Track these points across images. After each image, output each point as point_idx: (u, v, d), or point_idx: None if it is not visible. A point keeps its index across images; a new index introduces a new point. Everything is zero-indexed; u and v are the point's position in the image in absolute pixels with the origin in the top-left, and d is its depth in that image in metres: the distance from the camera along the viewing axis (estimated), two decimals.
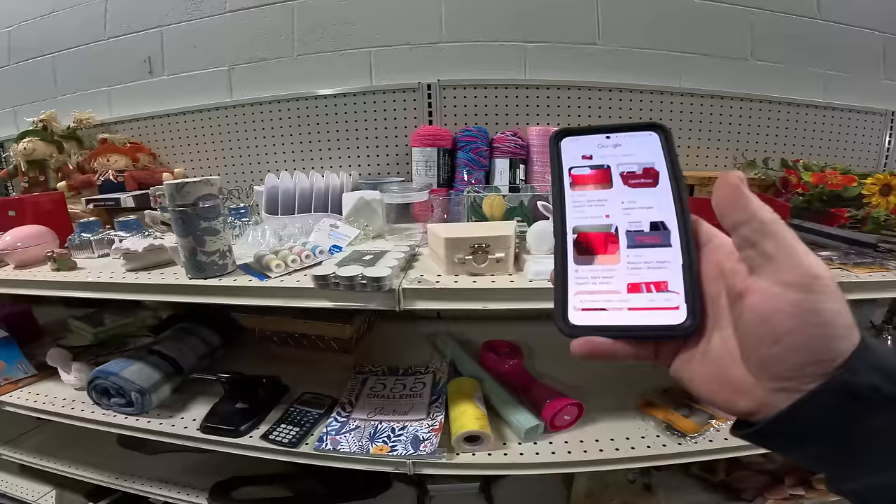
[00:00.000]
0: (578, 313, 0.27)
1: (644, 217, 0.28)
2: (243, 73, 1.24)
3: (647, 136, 0.30)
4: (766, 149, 1.19)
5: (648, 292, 0.27)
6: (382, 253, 0.82)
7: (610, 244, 0.28)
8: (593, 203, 0.29)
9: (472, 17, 1.19)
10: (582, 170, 0.30)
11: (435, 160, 1.10)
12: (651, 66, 1.20)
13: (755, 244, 0.23)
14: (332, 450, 0.82)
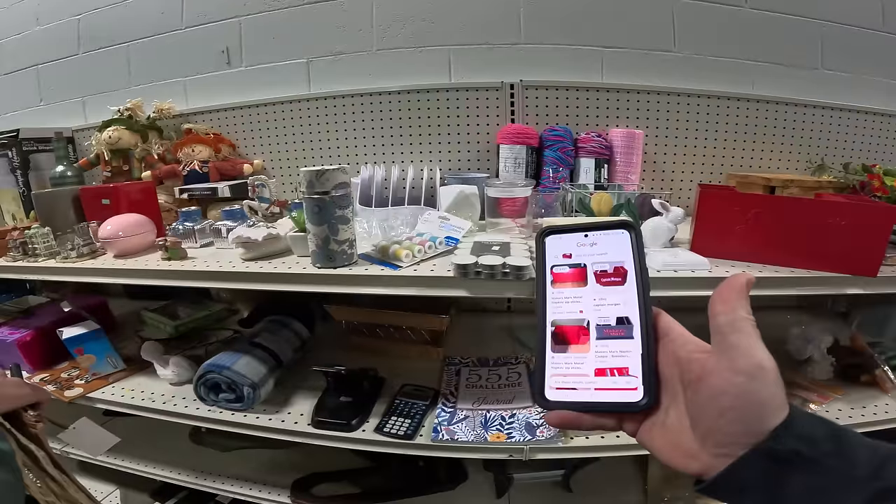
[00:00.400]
0: (553, 391, 0.33)
1: (612, 313, 0.33)
2: (322, 65, 1.24)
3: (619, 234, 0.35)
4: (836, 153, 1.24)
5: (612, 376, 0.32)
6: (507, 244, 0.83)
7: (582, 336, 0.34)
8: (570, 300, 0.35)
9: (550, 20, 1.22)
10: (562, 268, 0.36)
11: (524, 158, 1.12)
12: (724, 72, 1.23)
13: (725, 334, 0.28)
14: (450, 440, 0.83)
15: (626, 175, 1.15)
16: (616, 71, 1.25)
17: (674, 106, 1.21)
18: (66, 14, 1.36)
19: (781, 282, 0.75)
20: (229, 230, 0.92)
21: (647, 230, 0.86)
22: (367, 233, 0.93)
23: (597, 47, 1.24)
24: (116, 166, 1.15)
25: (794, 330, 1.06)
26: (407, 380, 1.01)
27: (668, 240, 0.86)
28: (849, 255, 0.76)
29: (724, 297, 0.30)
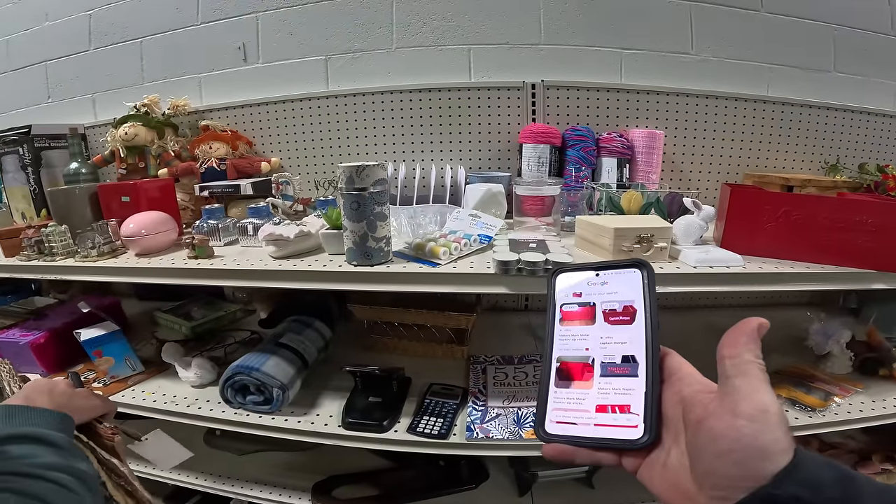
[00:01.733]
0: (553, 425, 0.33)
1: (618, 351, 0.34)
2: (341, 63, 1.23)
3: (631, 273, 0.35)
4: (847, 153, 1.27)
5: (613, 413, 0.32)
6: (543, 242, 0.83)
7: (586, 373, 0.34)
8: (577, 337, 0.35)
9: (569, 21, 1.23)
10: (571, 306, 0.36)
11: (547, 157, 1.12)
12: (740, 75, 1.25)
13: (729, 377, 0.28)
14: (485, 437, 0.83)
15: (647, 174, 1.16)
16: (634, 72, 1.26)
17: (692, 107, 1.22)
18: (78, 9, 1.33)
19: (810, 277, 0.77)
20: (256, 228, 0.91)
21: (679, 228, 0.86)
22: (396, 231, 0.93)
23: (616, 49, 1.25)
24: (132, 163, 1.12)
25: (813, 326, 1.07)
26: (432, 379, 1.00)
27: (699, 237, 0.87)
28: (874, 251, 0.78)
29: (732, 341, 0.29)
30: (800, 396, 0.92)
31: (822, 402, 0.91)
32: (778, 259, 0.82)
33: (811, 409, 0.89)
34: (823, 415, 0.89)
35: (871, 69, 1.27)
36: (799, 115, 1.23)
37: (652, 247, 0.79)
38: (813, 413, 0.89)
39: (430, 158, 1.22)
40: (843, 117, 1.25)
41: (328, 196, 1.07)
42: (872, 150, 1.28)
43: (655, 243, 0.79)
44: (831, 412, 0.89)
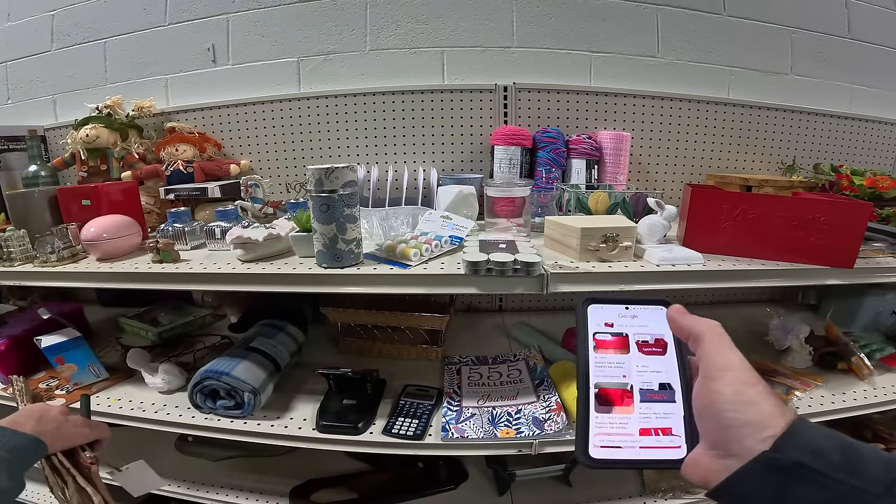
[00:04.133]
0: (598, 449, 0.34)
1: (654, 378, 0.36)
2: (313, 65, 1.22)
3: (658, 310, 0.38)
4: (803, 154, 1.32)
5: (656, 435, 0.34)
6: (512, 242, 0.84)
7: (626, 398, 0.36)
8: (613, 365, 0.37)
9: (541, 25, 1.25)
10: (604, 335, 0.38)
11: (518, 158, 1.14)
12: (703, 78, 1.30)
13: (696, 351, 0.33)
14: (460, 437, 0.83)
15: (614, 175, 1.19)
16: (604, 75, 1.29)
17: (657, 109, 1.26)
18: (40, 10, 1.29)
19: (767, 274, 0.80)
20: (224, 231, 0.89)
21: (643, 227, 0.89)
22: (367, 233, 0.93)
23: (586, 52, 1.28)
24: (93, 166, 1.09)
25: (773, 322, 1.12)
26: (407, 380, 1.00)
27: (663, 236, 0.89)
28: (828, 248, 0.82)
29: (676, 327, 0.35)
30: None
31: (784, 396, 0.94)
32: (736, 257, 0.85)
33: None
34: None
35: (827, 72, 1.34)
36: (757, 117, 1.29)
37: (617, 246, 0.81)
38: None
39: (403, 160, 1.23)
40: (800, 119, 1.30)
41: (299, 199, 1.06)
42: (828, 151, 1.34)
43: (621, 242, 0.81)
44: (793, 406, 0.93)
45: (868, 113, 1.33)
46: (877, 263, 0.86)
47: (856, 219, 0.81)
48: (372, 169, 1.05)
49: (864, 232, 0.82)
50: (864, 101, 1.36)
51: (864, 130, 1.34)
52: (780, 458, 0.26)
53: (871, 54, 1.34)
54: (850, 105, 1.35)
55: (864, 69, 1.35)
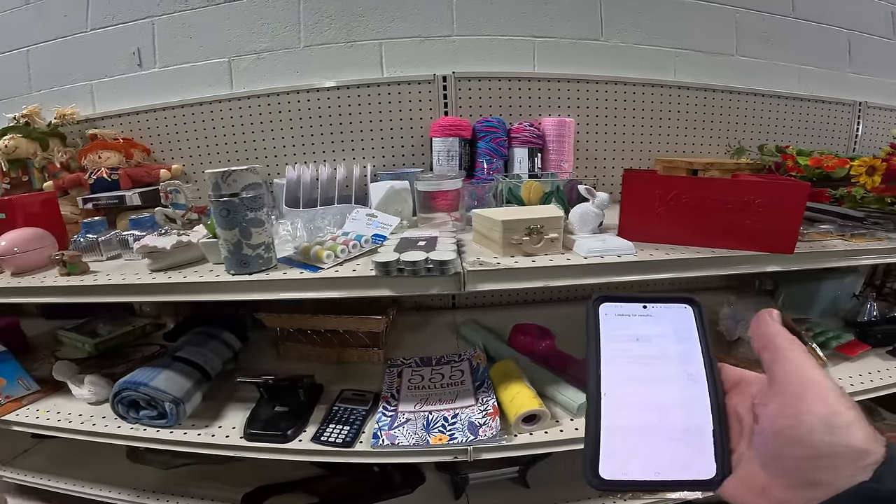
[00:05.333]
0: (610, 469, 0.29)
1: (677, 388, 0.31)
2: (245, 64, 1.18)
3: (681, 308, 0.33)
4: (753, 136, 1.30)
5: (680, 452, 0.29)
6: (434, 239, 0.81)
7: (643, 410, 0.31)
8: (628, 372, 0.32)
9: (482, 11, 1.21)
10: (618, 339, 0.33)
11: (457, 150, 1.11)
12: (649, 60, 1.27)
13: (770, 365, 0.28)
14: (391, 444, 0.80)
15: (558, 163, 1.16)
16: (548, 61, 1.26)
17: (601, 94, 1.23)
18: None
19: (703, 263, 0.77)
20: (137, 240, 0.85)
21: (575, 217, 0.86)
22: (291, 235, 0.89)
23: (528, 37, 1.25)
24: (16, 177, 1.05)
25: (723, 310, 1.09)
26: (348, 385, 0.97)
27: (596, 226, 0.86)
28: (766, 233, 0.78)
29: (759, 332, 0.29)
30: None
31: None
32: (673, 245, 0.82)
33: None
34: None
35: (773, 52, 1.31)
36: (703, 100, 1.26)
37: (542, 238, 0.78)
38: None
39: (342, 158, 1.19)
40: (748, 100, 1.28)
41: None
42: (780, 132, 1.32)
43: (546, 235, 0.78)
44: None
45: (819, 93, 1.31)
46: (822, 247, 0.83)
47: (792, 200, 0.78)
48: (304, 168, 1.01)
49: (802, 214, 0.79)
50: (812, 80, 1.34)
51: (815, 111, 1.32)
52: (881, 489, 0.23)
53: (816, 33, 1.32)
54: (798, 85, 1.33)
55: (811, 49, 1.33)
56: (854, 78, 1.36)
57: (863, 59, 1.35)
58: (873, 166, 1.02)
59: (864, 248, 0.85)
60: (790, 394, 0.26)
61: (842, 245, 0.85)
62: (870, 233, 0.95)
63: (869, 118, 1.35)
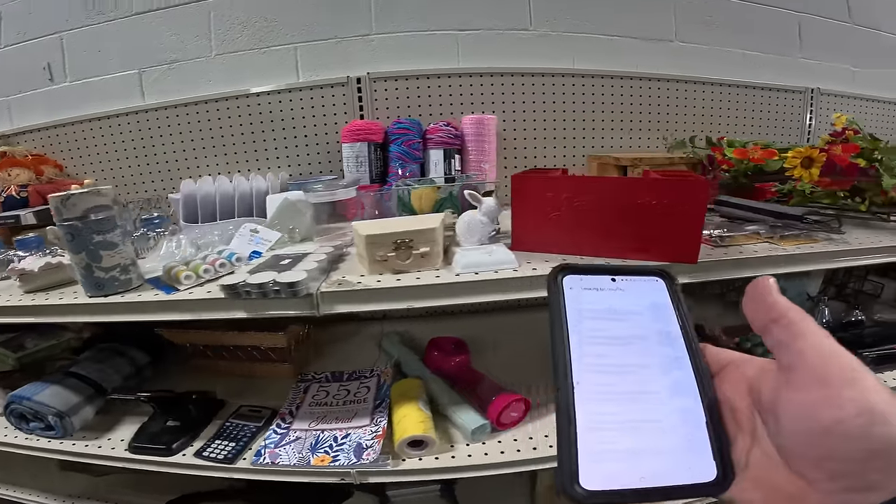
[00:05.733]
0: (592, 478, 0.24)
1: (658, 375, 0.27)
2: (157, 75, 1.15)
3: (653, 282, 0.29)
4: (697, 128, 1.21)
5: (672, 452, 0.25)
6: (303, 256, 0.77)
7: (623, 403, 0.26)
8: (602, 357, 0.27)
9: (402, 5, 1.16)
10: (588, 318, 0.28)
11: (366, 155, 1.06)
12: (581, 49, 1.20)
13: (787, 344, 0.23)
14: (271, 463, 0.78)
15: (478, 164, 1.11)
16: (472, 55, 1.20)
17: (530, 88, 1.17)
18: None
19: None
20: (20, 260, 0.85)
21: (461, 226, 0.81)
22: (174, 253, 0.87)
23: (452, 31, 1.19)
24: None
25: None
26: (254, 401, 0.95)
27: (485, 235, 0.81)
28: (665, 239, 0.72)
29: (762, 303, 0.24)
30: None
31: None
32: (569, 255, 0.76)
33: None
34: None
35: (716, 37, 1.22)
36: (640, 89, 1.18)
37: (411, 254, 0.73)
38: None
39: (257, 167, 1.16)
40: (686, 89, 1.19)
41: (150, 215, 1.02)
42: (724, 123, 1.23)
43: (416, 249, 0.73)
44: None
45: (768, 80, 1.21)
46: (739, 254, 0.75)
47: (691, 201, 0.71)
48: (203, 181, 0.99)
49: (703, 216, 0.72)
50: (761, 67, 1.23)
51: (764, 99, 1.22)
52: None
53: (764, 16, 1.21)
54: (745, 72, 1.23)
55: (759, 33, 1.22)
56: (806, 63, 1.25)
57: (815, 44, 1.24)
58: (810, 157, 0.93)
59: (787, 255, 0.76)
60: (829, 381, 0.21)
61: (764, 250, 0.77)
62: (805, 234, 0.86)
63: (822, 106, 1.24)
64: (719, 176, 1.03)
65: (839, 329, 1.08)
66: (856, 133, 0.92)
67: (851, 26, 1.26)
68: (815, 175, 0.92)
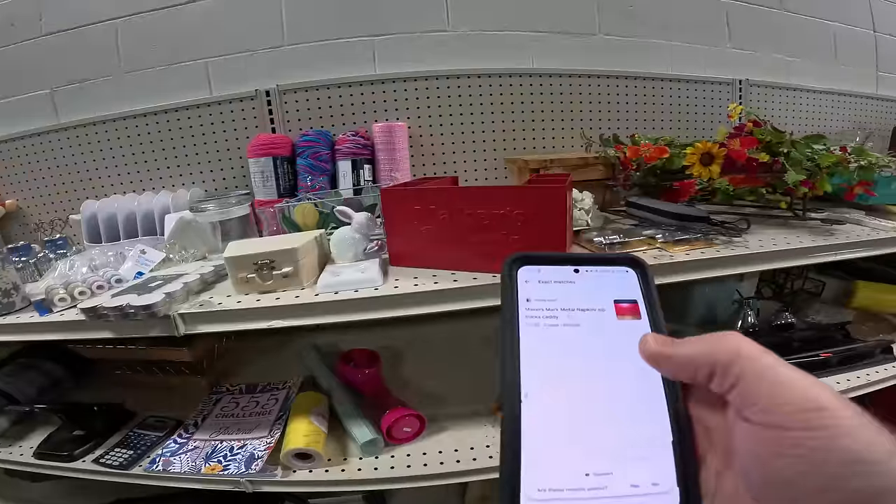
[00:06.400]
0: (535, 495, 0.21)
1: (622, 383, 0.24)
2: (67, 94, 1.15)
3: (623, 273, 0.26)
4: (623, 126, 1.17)
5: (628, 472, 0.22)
6: (176, 277, 0.78)
7: (577, 413, 0.23)
8: (557, 361, 0.25)
9: (315, 14, 1.14)
10: (543, 316, 0.26)
11: (271, 170, 1.06)
12: (503, 48, 1.17)
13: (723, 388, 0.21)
14: (163, 470, 0.81)
15: (388, 174, 1.09)
16: (390, 60, 1.18)
17: (445, 91, 1.15)
18: None
19: (462, 294, 0.68)
20: None
21: (334, 243, 0.80)
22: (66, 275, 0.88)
23: (367, 37, 1.17)
24: None
25: None
26: (168, 412, 0.97)
27: (361, 251, 0.80)
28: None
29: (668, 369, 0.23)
30: None
31: None
32: (441, 270, 0.75)
33: None
34: None
35: (640, 29, 1.17)
36: (559, 87, 1.14)
37: (272, 275, 0.73)
38: None
39: (170, 185, 1.16)
40: (611, 84, 1.15)
41: (53, 237, 1.03)
42: (652, 119, 1.19)
43: (278, 270, 0.73)
44: None
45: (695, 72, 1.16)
46: None
47: (550, 210, 0.69)
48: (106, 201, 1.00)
49: (564, 226, 0.70)
50: (688, 59, 1.18)
51: (692, 92, 1.17)
52: None
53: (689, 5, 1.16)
54: (671, 66, 1.18)
55: (683, 24, 1.17)
56: (734, 54, 1.20)
57: (743, 33, 1.19)
58: (709, 153, 0.89)
59: (672, 262, 0.73)
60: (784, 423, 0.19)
61: (649, 258, 0.74)
62: (702, 238, 0.83)
63: (753, 98, 1.19)
64: (629, 176, 1.00)
65: (766, 333, 1.04)
66: (756, 125, 0.88)
67: (782, 13, 1.20)
68: (715, 172, 0.89)
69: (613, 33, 1.17)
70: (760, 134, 0.88)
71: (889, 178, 0.90)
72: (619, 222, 0.99)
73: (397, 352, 1.15)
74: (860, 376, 0.88)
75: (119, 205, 1.00)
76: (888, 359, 0.91)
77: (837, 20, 1.32)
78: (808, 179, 0.80)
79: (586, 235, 0.84)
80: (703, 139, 0.90)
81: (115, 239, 0.99)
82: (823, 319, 1.08)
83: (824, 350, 0.92)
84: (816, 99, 1.27)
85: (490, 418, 0.88)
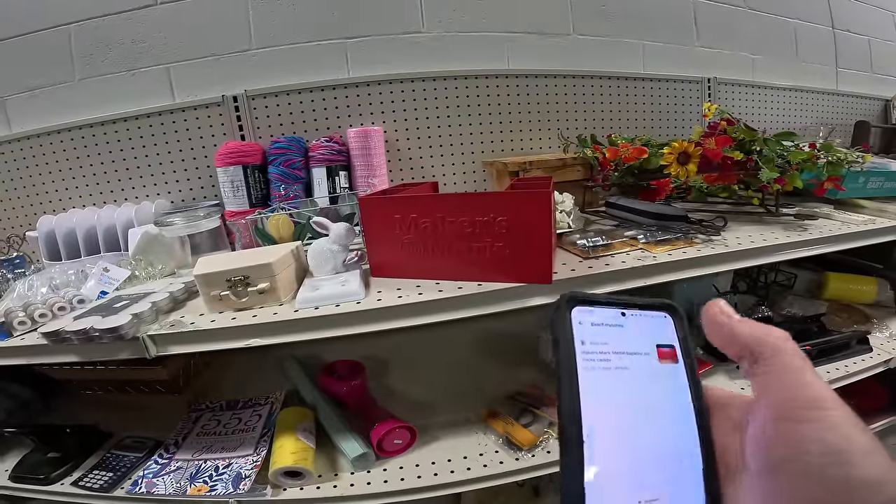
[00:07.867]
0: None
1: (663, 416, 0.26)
2: (19, 103, 1.08)
3: (660, 318, 0.28)
4: (598, 125, 1.18)
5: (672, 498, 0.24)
6: (143, 296, 0.73)
7: (630, 446, 0.25)
8: (613, 397, 0.26)
9: (285, 16, 1.10)
10: (599, 355, 0.26)
11: (241, 179, 1.01)
12: (478, 49, 1.15)
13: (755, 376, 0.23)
14: (147, 493, 0.77)
15: (366, 179, 1.07)
16: (364, 64, 1.15)
17: (421, 93, 1.13)
18: None
19: (446, 305, 0.66)
20: None
21: (311, 256, 0.77)
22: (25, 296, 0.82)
23: (338, 40, 1.14)
24: None
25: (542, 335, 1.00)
26: (146, 432, 0.92)
27: (339, 264, 0.78)
28: (516, 259, 0.68)
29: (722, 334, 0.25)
30: (513, 432, 0.82)
31: (535, 438, 0.81)
32: (425, 281, 0.73)
33: (518, 448, 0.80)
34: (532, 455, 0.79)
35: (613, 28, 1.18)
36: (535, 87, 1.14)
37: (248, 292, 0.69)
38: (520, 454, 0.79)
39: (133, 196, 1.10)
40: (585, 84, 1.16)
41: (10, 256, 0.97)
42: (625, 118, 1.20)
43: (254, 286, 0.69)
44: (543, 451, 0.80)
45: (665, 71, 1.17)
46: (606, 266, 0.71)
47: (533, 215, 0.67)
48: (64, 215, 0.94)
49: (549, 231, 0.69)
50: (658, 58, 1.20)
51: (662, 91, 1.19)
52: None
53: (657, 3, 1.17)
54: (644, 65, 1.19)
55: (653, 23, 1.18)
56: (703, 52, 1.22)
57: (711, 31, 1.21)
58: (685, 152, 0.90)
59: (656, 263, 0.72)
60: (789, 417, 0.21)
61: (633, 259, 0.74)
62: (682, 237, 0.84)
63: (721, 95, 1.22)
64: (608, 176, 1.00)
65: None
66: (730, 123, 0.89)
67: (746, 11, 1.22)
68: (692, 171, 0.90)
69: (587, 33, 1.17)
70: (734, 132, 0.89)
71: (856, 174, 0.93)
72: (600, 223, 0.99)
73: (381, 360, 1.13)
74: (839, 368, 0.91)
75: (78, 220, 0.94)
76: (865, 349, 0.94)
77: (797, 17, 1.37)
78: (781, 176, 0.81)
79: (569, 238, 0.83)
80: (676, 137, 0.91)
81: (75, 256, 0.93)
82: (798, 312, 1.11)
83: (803, 343, 0.94)
84: (781, 96, 1.30)
85: (481, 426, 0.87)
